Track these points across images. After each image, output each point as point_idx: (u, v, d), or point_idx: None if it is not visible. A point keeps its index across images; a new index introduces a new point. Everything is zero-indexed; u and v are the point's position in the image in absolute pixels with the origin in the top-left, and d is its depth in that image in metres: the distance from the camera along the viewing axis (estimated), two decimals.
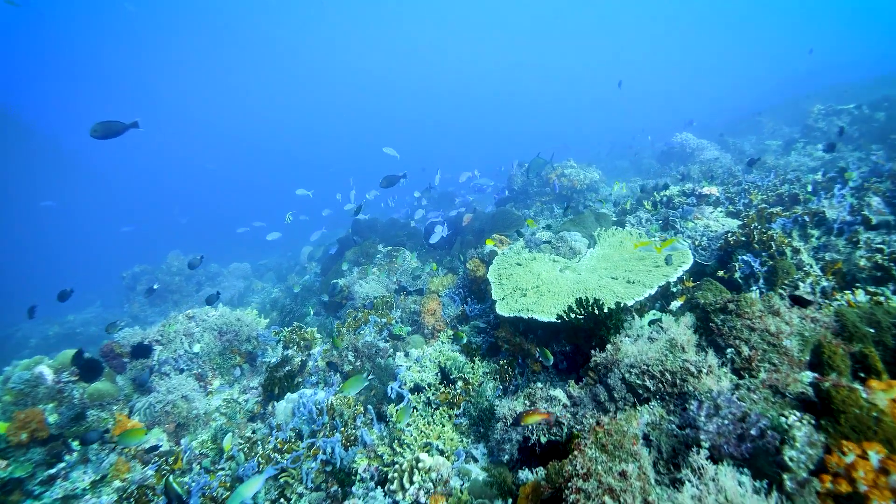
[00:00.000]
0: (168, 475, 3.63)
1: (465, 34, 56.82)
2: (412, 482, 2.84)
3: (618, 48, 54.57)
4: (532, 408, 3.17)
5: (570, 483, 2.03)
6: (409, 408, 3.64)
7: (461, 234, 8.54)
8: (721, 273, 4.43)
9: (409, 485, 2.84)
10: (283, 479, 3.42)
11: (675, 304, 4.28)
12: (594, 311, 3.51)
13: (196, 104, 50.22)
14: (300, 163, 54.81)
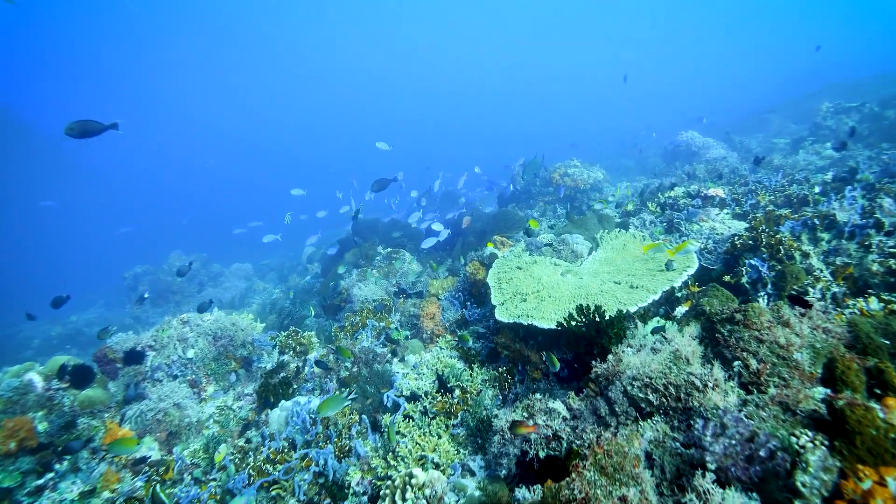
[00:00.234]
0: (156, 485, 3.55)
1: (466, 33, 56.56)
2: (405, 500, 2.73)
3: (621, 46, 54.15)
4: (522, 420, 3.06)
5: None
6: (395, 428, 3.53)
7: (462, 236, 8.42)
8: (727, 278, 4.29)
9: (401, 502, 2.73)
10: (274, 492, 3.33)
11: (680, 310, 4.15)
12: (595, 319, 3.40)
13: (196, 104, 50.20)
14: (300, 163, 54.85)
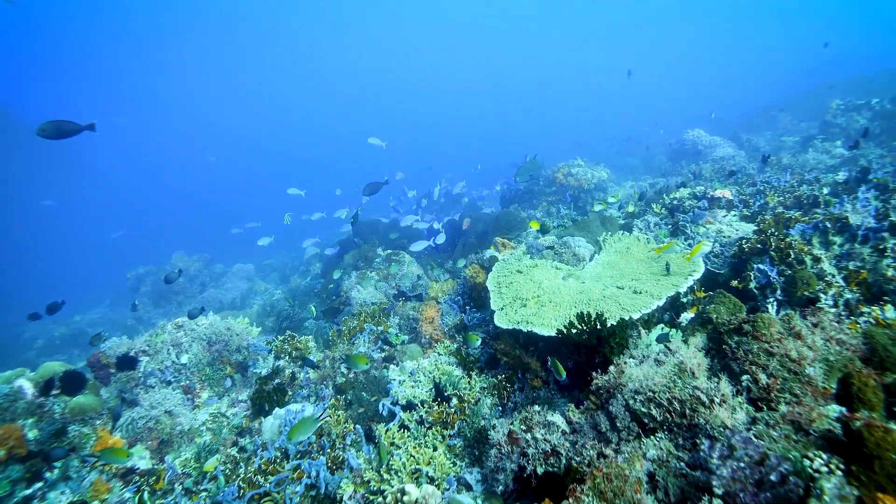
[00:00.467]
0: (143, 493, 3.46)
1: (468, 31, 56.07)
2: None
3: (625, 42, 53.64)
4: (516, 435, 2.95)
5: None
6: (390, 439, 3.41)
7: (463, 237, 8.30)
8: (735, 283, 4.15)
9: None
10: None
11: (686, 316, 4.02)
12: (596, 327, 3.27)
13: (197, 103, 50.14)
14: (299, 162, 54.67)
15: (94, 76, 37.48)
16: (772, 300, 3.88)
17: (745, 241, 4.33)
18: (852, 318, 3.34)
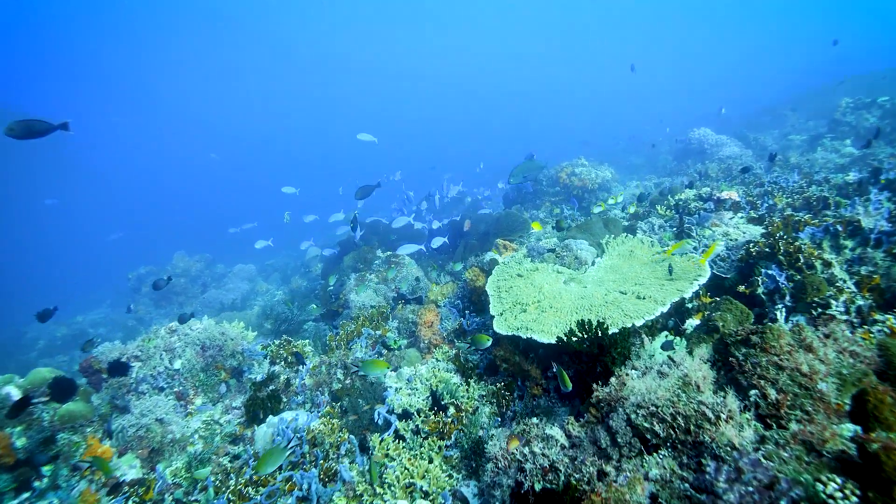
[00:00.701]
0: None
1: (473, 30, 55.68)
2: None
3: (631, 42, 53.19)
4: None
5: None
6: (383, 451, 3.30)
7: (464, 238, 8.19)
8: (742, 288, 4.01)
9: None
10: None
11: (691, 323, 3.89)
12: (598, 334, 3.15)
13: (197, 101, 50.01)
14: (300, 162, 54.57)
15: (95, 75, 37.51)
16: (780, 306, 3.74)
17: (752, 244, 4.19)
18: (865, 326, 3.21)
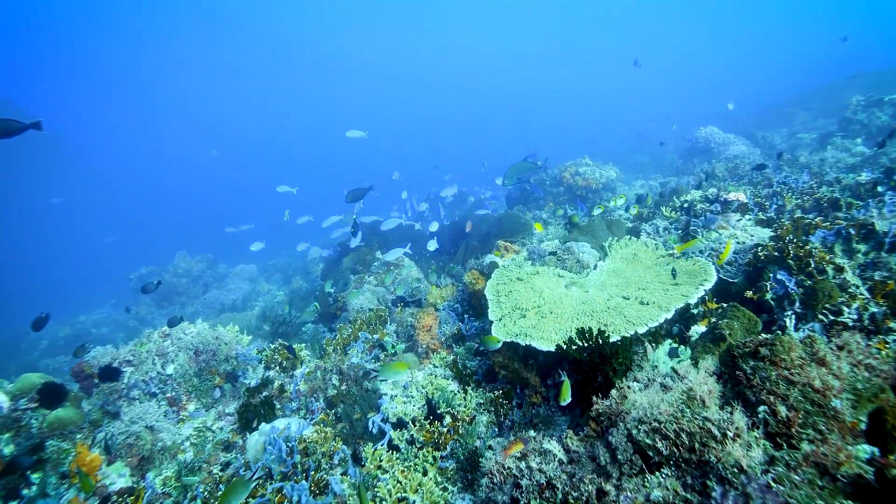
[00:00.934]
0: None
1: (477, 28, 55.31)
2: None
3: (636, 40, 52.68)
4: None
5: None
6: (376, 462, 3.19)
7: (466, 239, 8.07)
8: (749, 293, 3.87)
9: None
10: None
11: (696, 329, 3.75)
12: (598, 342, 3.03)
13: (198, 101, 49.96)
14: (300, 162, 54.42)
15: (95, 75, 37.55)
16: (790, 313, 3.60)
17: (760, 248, 4.04)
18: (880, 336, 3.06)
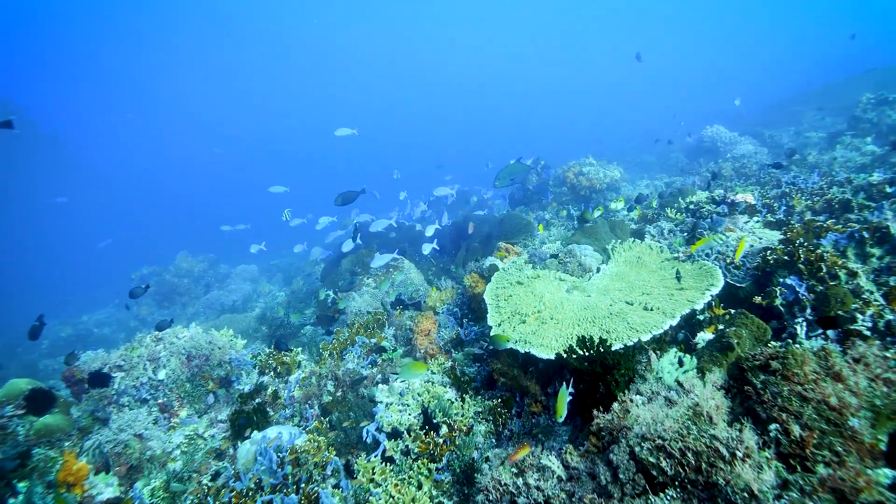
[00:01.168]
0: None
1: (477, 29, 54.91)
2: None
3: (642, 38, 52.18)
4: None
5: None
6: (368, 475, 3.06)
7: (467, 240, 7.94)
8: (758, 299, 3.72)
9: None
10: None
11: (702, 337, 3.60)
12: (600, 351, 2.90)
13: (199, 101, 49.77)
14: (300, 162, 54.17)
15: (96, 74, 37.47)
16: (800, 320, 3.45)
17: (770, 251, 3.90)
18: None
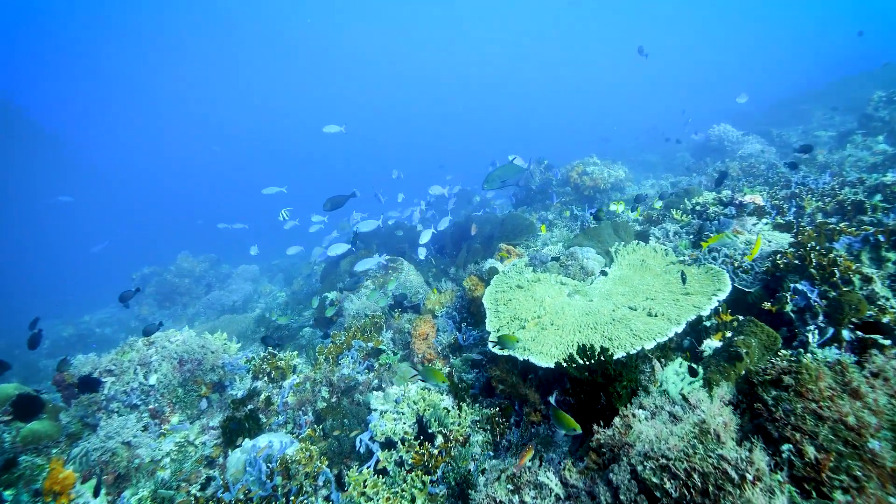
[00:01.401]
0: None
1: (478, 28, 54.54)
2: None
3: (647, 36, 51.70)
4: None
5: None
6: (359, 489, 2.94)
7: (469, 241, 7.82)
8: (767, 305, 3.57)
9: None
10: None
11: (709, 344, 3.46)
12: (600, 360, 2.76)
13: (200, 101, 49.72)
14: (300, 162, 54.07)
15: (95, 73, 37.45)
16: (812, 327, 3.30)
17: (779, 255, 3.75)
18: None
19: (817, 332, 3.26)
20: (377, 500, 2.87)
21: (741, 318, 3.53)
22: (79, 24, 33.37)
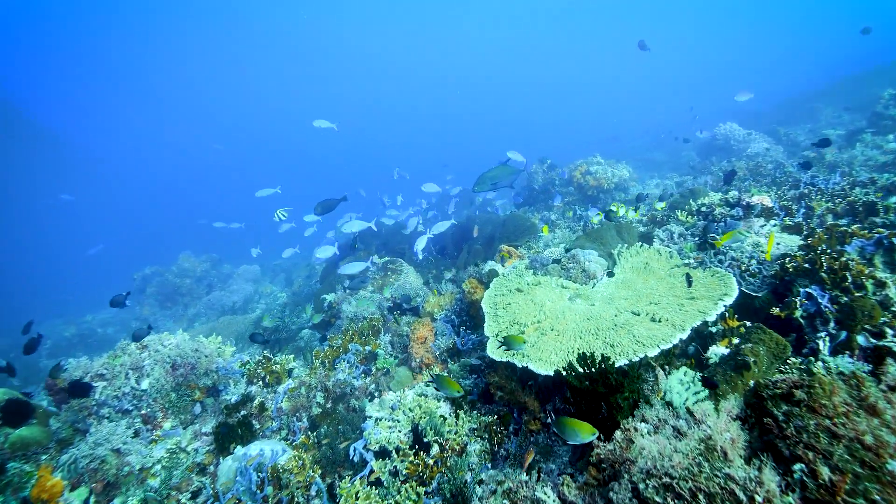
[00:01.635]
0: None
1: (480, 27, 54.14)
2: None
3: (652, 35, 51.16)
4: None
5: None
6: (351, 501, 2.84)
7: (469, 242, 7.70)
8: (776, 310, 3.44)
9: None
10: None
11: (715, 351, 3.33)
12: (601, 368, 2.65)
13: (201, 100, 49.59)
14: (301, 162, 53.92)
15: (96, 72, 37.39)
16: (823, 334, 3.17)
17: (788, 258, 3.61)
18: None
19: (828, 339, 3.13)
20: None
21: (748, 323, 3.40)
22: (79, 24, 33.36)
